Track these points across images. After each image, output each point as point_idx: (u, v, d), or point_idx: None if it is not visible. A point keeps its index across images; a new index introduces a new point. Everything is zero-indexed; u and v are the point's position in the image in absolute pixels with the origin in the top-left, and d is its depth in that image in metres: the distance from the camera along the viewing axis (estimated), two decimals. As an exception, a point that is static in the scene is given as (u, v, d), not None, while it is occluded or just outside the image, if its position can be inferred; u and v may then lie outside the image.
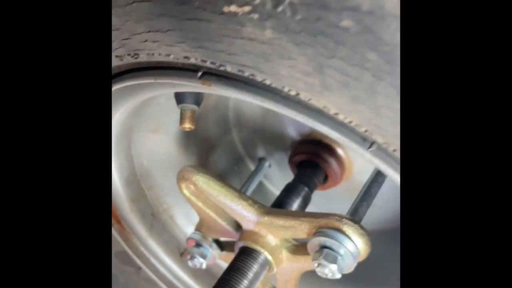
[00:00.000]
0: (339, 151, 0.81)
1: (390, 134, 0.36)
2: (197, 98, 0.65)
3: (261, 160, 0.97)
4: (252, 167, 1.00)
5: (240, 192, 0.68)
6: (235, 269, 0.64)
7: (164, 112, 0.76)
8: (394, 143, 0.36)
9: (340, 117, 0.38)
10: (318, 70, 0.33)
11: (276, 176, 0.99)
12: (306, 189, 0.78)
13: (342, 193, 0.89)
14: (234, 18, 0.34)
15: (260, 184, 1.00)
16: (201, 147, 0.93)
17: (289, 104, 0.41)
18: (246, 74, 0.40)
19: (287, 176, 0.92)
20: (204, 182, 0.68)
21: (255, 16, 0.33)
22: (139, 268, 0.93)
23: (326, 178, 0.83)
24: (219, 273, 0.94)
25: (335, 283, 0.88)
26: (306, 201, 0.78)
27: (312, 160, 0.81)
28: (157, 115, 0.77)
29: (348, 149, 0.81)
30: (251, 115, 0.91)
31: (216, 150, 0.96)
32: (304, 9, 0.30)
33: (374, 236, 0.89)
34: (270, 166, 0.97)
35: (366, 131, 0.38)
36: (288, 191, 0.78)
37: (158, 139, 0.83)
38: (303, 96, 0.38)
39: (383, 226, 0.88)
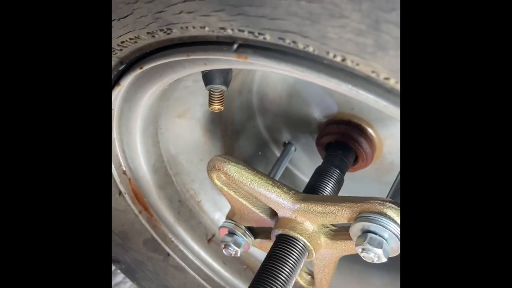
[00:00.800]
0: (370, 130, 0.79)
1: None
2: (226, 78, 0.63)
3: (286, 145, 0.95)
4: (277, 152, 0.98)
5: (274, 179, 0.66)
6: (275, 258, 0.63)
7: (190, 95, 0.75)
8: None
9: (391, 82, 0.36)
10: (373, 27, 0.31)
11: (302, 161, 0.97)
12: (337, 171, 0.76)
13: (371, 174, 0.87)
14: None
15: (286, 170, 0.99)
16: (226, 133, 0.92)
17: (331, 72, 0.39)
18: (287, 41, 0.38)
19: (314, 161, 0.90)
20: (236, 172, 0.66)
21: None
22: (168, 255, 0.93)
23: (356, 160, 0.81)
24: (247, 259, 0.95)
25: (370, 268, 0.87)
26: (339, 184, 0.77)
27: (341, 140, 0.79)
28: (183, 99, 0.76)
29: (379, 128, 0.79)
30: (275, 98, 0.89)
31: (241, 135, 0.95)
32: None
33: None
34: (295, 150, 0.95)
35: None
36: (320, 175, 0.76)
37: (184, 124, 0.82)
38: (349, 62, 0.36)
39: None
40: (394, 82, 0.36)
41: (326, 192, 0.74)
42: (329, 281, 0.72)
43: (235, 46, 0.43)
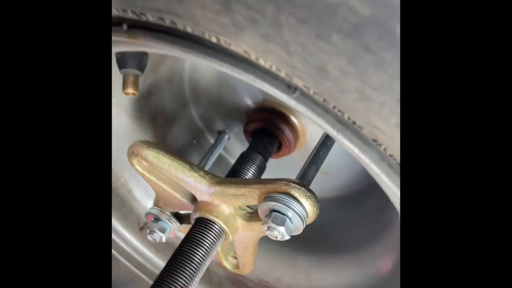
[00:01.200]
0: (292, 118, 0.82)
1: (305, 74, 0.35)
2: (139, 63, 0.63)
3: (220, 133, 0.96)
4: (212, 140, 0.99)
5: (192, 164, 0.68)
6: (191, 240, 0.64)
7: (112, 81, 0.75)
8: (311, 84, 0.36)
9: (261, 62, 0.38)
10: (226, 6, 0.33)
11: (236, 149, 0.98)
12: (260, 157, 0.78)
13: (297, 161, 0.89)
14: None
15: (221, 157, 1.00)
16: (157, 121, 0.92)
17: (214, 53, 0.41)
18: (167, 22, 0.39)
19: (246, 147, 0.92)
20: (154, 157, 0.67)
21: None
22: (98, 243, 0.92)
23: (280, 146, 0.83)
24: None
25: (297, 250, 0.90)
26: (261, 169, 0.79)
27: (265, 128, 0.81)
28: (105, 84, 0.75)
29: (301, 116, 0.82)
30: (207, 86, 0.90)
31: (173, 124, 0.95)
32: None
33: (331, 203, 0.91)
34: (229, 139, 0.96)
35: (286, 75, 0.38)
36: (243, 160, 0.78)
37: (109, 111, 0.82)
38: (223, 42, 0.38)
39: (338, 193, 0.89)
40: (264, 62, 0.37)
41: (247, 177, 0.76)
42: (251, 262, 0.75)
43: (125, 26, 0.43)
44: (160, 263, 0.95)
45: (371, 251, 0.78)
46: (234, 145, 0.98)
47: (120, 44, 0.50)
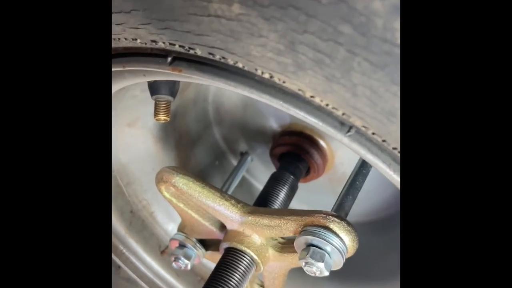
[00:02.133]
0: (321, 142, 0.80)
1: (368, 116, 0.34)
2: (172, 89, 0.62)
3: (243, 155, 0.95)
4: (234, 161, 0.98)
5: (222, 191, 0.66)
6: (222, 272, 0.62)
7: (139, 105, 0.74)
8: (373, 125, 0.35)
9: (316, 100, 0.36)
10: (290, 47, 0.31)
11: (259, 171, 0.97)
12: (292, 177, 0.76)
13: (325, 185, 0.88)
14: (200, -6, 0.32)
15: (243, 179, 0.98)
16: (180, 142, 0.91)
17: (263, 88, 0.39)
18: (217, 57, 0.38)
19: (270, 171, 0.90)
20: (184, 184, 0.65)
21: (222, -10, 0.31)
22: (119, 267, 0.90)
23: (308, 170, 0.81)
24: (202, 270, 0.93)
25: (323, 279, 0.87)
26: (293, 189, 0.77)
27: (293, 151, 0.80)
28: (132, 108, 0.74)
29: (330, 140, 0.80)
30: (231, 108, 0.89)
31: (196, 145, 0.94)
32: (272, -19, 0.28)
33: (358, 229, 0.89)
34: (252, 160, 0.95)
35: (343, 114, 0.36)
36: (274, 180, 0.76)
37: (135, 133, 0.81)
38: (277, 79, 0.36)
39: (365, 219, 0.87)
40: (319, 100, 0.36)
41: (280, 197, 0.73)
42: (279, 292, 0.72)
43: (169, 59, 0.42)
44: (181, 288, 0.93)
45: None
46: (257, 167, 0.96)
47: (160, 75, 0.49)
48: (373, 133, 0.36)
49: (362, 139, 0.38)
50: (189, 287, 0.93)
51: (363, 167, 0.68)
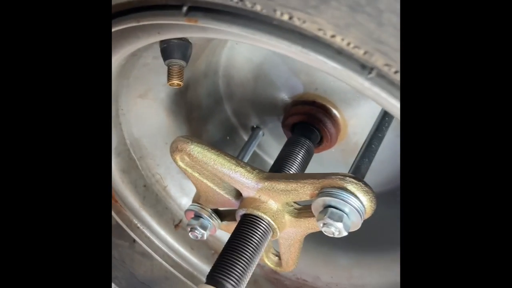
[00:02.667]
0: (334, 111, 0.79)
1: (393, 49, 0.33)
2: (185, 52, 0.62)
3: (254, 129, 0.94)
4: (245, 136, 0.97)
5: (238, 159, 0.66)
6: (239, 238, 0.62)
7: (151, 74, 0.73)
8: (396, 60, 0.34)
9: (337, 40, 0.35)
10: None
11: (271, 146, 0.96)
12: (307, 141, 0.76)
13: (337, 156, 0.87)
14: None
15: (255, 154, 0.98)
16: (192, 116, 0.91)
17: (281, 34, 0.39)
18: (234, 0, 0.37)
19: (282, 145, 0.90)
20: (199, 152, 0.65)
21: None
22: (134, 241, 0.91)
23: (321, 140, 0.81)
24: (215, 243, 0.93)
25: (336, 248, 0.87)
26: (309, 153, 0.76)
27: (306, 121, 0.79)
28: (144, 77, 0.74)
29: (343, 109, 0.79)
30: (242, 80, 0.88)
31: (207, 120, 0.94)
32: None
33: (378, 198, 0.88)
34: (264, 134, 0.94)
35: (365, 53, 0.35)
36: (290, 145, 0.76)
37: (147, 105, 0.81)
38: (296, 19, 0.36)
39: (380, 189, 0.86)
40: (340, 40, 0.35)
41: (297, 160, 0.73)
42: (295, 260, 0.72)
43: (185, 9, 0.42)
44: (196, 261, 0.93)
45: None
46: (269, 142, 0.96)
47: (175, 30, 0.48)
48: (396, 72, 0.35)
49: (383, 81, 0.37)
50: (203, 260, 0.93)
51: (378, 131, 0.67)
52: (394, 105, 0.39)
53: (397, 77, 0.36)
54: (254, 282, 0.93)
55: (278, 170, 0.73)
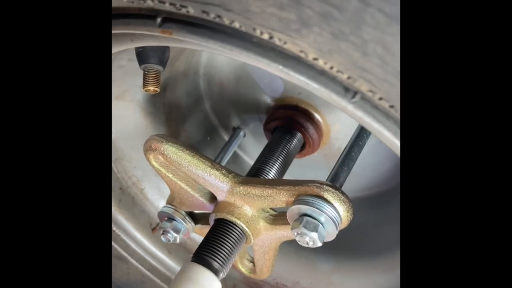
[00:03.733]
0: (317, 116, 0.78)
1: (377, 78, 0.31)
2: (162, 57, 0.59)
3: (235, 130, 0.92)
4: (226, 137, 0.95)
5: (213, 161, 0.63)
6: (211, 243, 0.60)
7: (127, 76, 0.70)
8: (381, 88, 0.32)
9: (320, 63, 0.33)
10: (295, 1, 0.28)
11: (252, 146, 0.94)
12: (289, 145, 0.74)
13: (319, 160, 0.86)
14: None
15: (236, 155, 0.96)
16: (170, 117, 0.88)
17: (261, 52, 0.36)
18: (211, 16, 0.35)
19: (263, 146, 0.88)
20: (173, 152, 0.63)
21: None
22: (109, 245, 0.88)
23: (303, 145, 0.79)
24: (193, 246, 0.91)
25: (317, 253, 0.87)
26: (290, 157, 0.75)
27: (288, 125, 0.77)
28: (120, 79, 0.70)
29: (326, 114, 0.77)
30: (223, 81, 0.85)
31: (187, 120, 0.91)
32: None
33: (354, 204, 0.88)
34: (245, 135, 0.92)
35: (349, 78, 0.33)
36: (271, 148, 0.74)
37: (123, 106, 0.77)
38: (277, 39, 0.33)
39: (362, 194, 0.86)
40: (323, 63, 0.33)
41: (274, 169, 0.71)
42: (269, 268, 0.71)
43: (159, 20, 0.39)
44: (173, 265, 0.91)
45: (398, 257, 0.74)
46: (250, 143, 0.94)
47: (148, 39, 0.45)
48: (380, 98, 0.33)
49: (367, 106, 0.36)
50: (181, 264, 0.91)
51: (359, 139, 0.66)
52: (376, 129, 0.37)
53: (382, 103, 0.34)
54: (233, 286, 0.92)
55: (256, 174, 0.71)
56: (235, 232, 0.61)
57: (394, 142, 0.37)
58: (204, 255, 0.58)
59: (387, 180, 0.83)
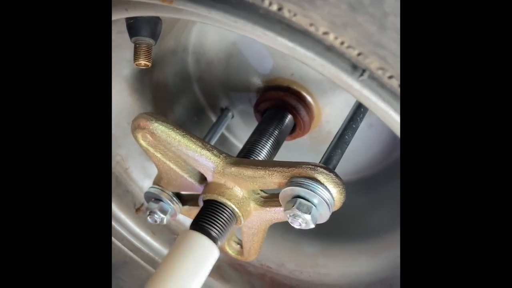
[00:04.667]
0: (308, 98, 0.77)
1: (392, 54, 0.30)
2: (154, 30, 0.56)
3: (223, 110, 0.90)
4: (213, 118, 0.93)
5: (204, 141, 0.62)
6: (206, 216, 0.59)
7: (115, 49, 0.67)
8: (394, 66, 0.31)
9: (330, 37, 0.32)
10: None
11: (240, 129, 0.93)
12: (279, 127, 0.73)
13: (308, 143, 0.85)
14: None
15: (224, 138, 0.94)
16: (157, 95, 0.85)
17: (267, 24, 0.35)
18: (217, -18, 0.33)
19: (251, 128, 0.87)
20: (163, 131, 0.61)
21: None
22: (91, 225, 0.86)
23: (294, 127, 0.78)
24: (178, 227, 0.90)
25: (303, 236, 0.87)
26: (281, 139, 0.74)
27: (279, 107, 0.76)
28: (106, 53, 0.67)
29: (317, 96, 0.77)
30: (213, 59, 0.83)
31: (174, 99, 0.89)
32: None
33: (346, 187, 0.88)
34: (233, 117, 0.90)
35: (359, 54, 0.32)
36: (261, 130, 0.73)
37: (108, 82, 0.74)
38: (286, 11, 0.32)
39: (349, 177, 0.86)
40: (333, 38, 0.32)
41: (265, 149, 0.70)
42: (257, 249, 0.71)
43: (158, -14, 0.36)
44: (157, 246, 0.90)
45: (387, 242, 0.75)
46: (238, 125, 0.92)
47: (145, 8, 0.43)
48: (391, 76, 0.33)
49: (374, 84, 0.35)
50: (165, 245, 0.90)
51: (352, 121, 0.65)
52: (382, 109, 0.37)
53: (391, 82, 0.33)
54: (217, 268, 0.91)
55: (246, 155, 0.70)
56: (225, 214, 0.61)
57: (396, 118, 0.37)
58: (202, 224, 0.57)
59: (374, 163, 0.83)
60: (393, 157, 0.81)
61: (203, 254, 0.54)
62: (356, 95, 0.37)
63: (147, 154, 0.66)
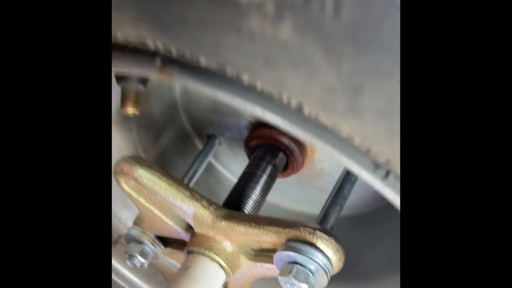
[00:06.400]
0: (303, 137, 0.73)
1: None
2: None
3: (210, 138, 0.86)
4: (199, 144, 0.88)
5: (193, 190, 0.58)
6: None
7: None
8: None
9: (355, 142, 0.28)
10: (353, 91, 0.23)
11: (227, 156, 0.89)
12: (271, 167, 0.69)
13: (300, 177, 0.82)
14: None
15: (210, 165, 0.90)
16: (140, 122, 0.80)
17: (282, 114, 0.31)
18: (228, 72, 0.29)
19: (239, 157, 0.83)
20: (148, 179, 0.57)
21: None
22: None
23: (286, 166, 0.75)
24: (158, 261, 0.85)
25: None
26: (273, 179, 0.70)
27: (271, 146, 0.72)
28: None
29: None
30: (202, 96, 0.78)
31: (159, 126, 0.83)
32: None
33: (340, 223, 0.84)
34: (220, 144, 0.86)
35: (388, 160, 0.29)
36: (253, 170, 0.68)
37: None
38: (307, 111, 0.28)
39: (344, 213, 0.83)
40: (359, 142, 0.28)
41: (256, 194, 0.66)
42: (244, 300, 0.67)
43: (158, 61, 0.32)
44: (135, 280, 0.86)
45: (387, 283, 0.72)
46: (224, 151, 0.88)
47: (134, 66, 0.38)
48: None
49: (397, 183, 0.31)
50: (144, 279, 0.86)
51: (351, 173, 0.62)
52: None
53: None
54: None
55: (238, 198, 0.66)
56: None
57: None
58: None
59: (371, 202, 0.80)
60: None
61: None
62: (382, 191, 0.33)
63: (130, 198, 0.61)
